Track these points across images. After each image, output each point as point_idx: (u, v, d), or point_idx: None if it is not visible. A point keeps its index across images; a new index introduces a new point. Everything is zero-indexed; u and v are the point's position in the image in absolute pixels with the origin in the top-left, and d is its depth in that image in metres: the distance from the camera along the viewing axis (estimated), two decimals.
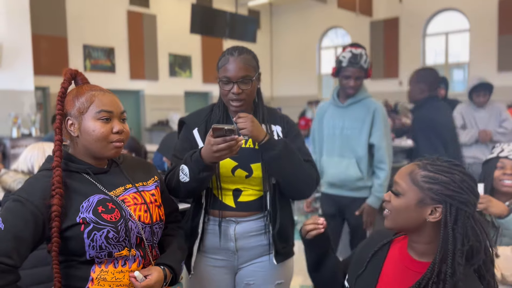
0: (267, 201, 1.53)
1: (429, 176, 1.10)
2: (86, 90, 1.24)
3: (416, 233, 1.13)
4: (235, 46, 1.59)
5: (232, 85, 1.52)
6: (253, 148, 1.53)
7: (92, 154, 1.24)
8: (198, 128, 1.61)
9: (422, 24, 12.56)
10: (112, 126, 1.23)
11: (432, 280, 1.06)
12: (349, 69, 2.61)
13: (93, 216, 1.15)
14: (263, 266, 1.57)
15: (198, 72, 12.97)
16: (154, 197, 1.32)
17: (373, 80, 13.47)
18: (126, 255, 1.20)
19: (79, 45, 10.30)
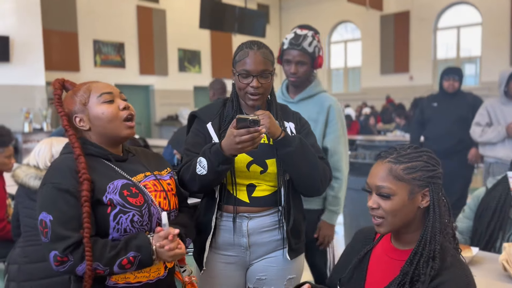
0: (281, 197, 1.53)
1: (408, 167, 1.12)
2: (80, 86, 1.31)
3: (407, 225, 1.14)
4: (253, 40, 1.58)
5: (251, 79, 1.50)
6: (268, 143, 1.53)
7: (109, 139, 1.28)
8: (212, 122, 1.59)
9: (434, 17, 12.42)
10: (117, 104, 1.27)
11: (422, 259, 1.08)
12: (290, 52, 2.11)
13: (120, 198, 1.18)
14: (276, 261, 1.57)
15: (207, 67, 12.98)
16: (170, 186, 1.36)
17: (383, 75, 13.39)
18: None
19: (89, 40, 10.36)
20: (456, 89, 3.85)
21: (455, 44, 12.39)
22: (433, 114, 3.91)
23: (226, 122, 1.59)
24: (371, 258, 1.24)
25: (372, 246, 1.26)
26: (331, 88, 14.92)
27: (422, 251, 1.10)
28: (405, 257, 1.14)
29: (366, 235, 1.31)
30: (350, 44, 14.54)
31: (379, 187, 1.13)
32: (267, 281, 1.58)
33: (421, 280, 1.06)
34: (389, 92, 12.59)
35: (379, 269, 1.20)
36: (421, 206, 1.13)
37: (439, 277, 1.06)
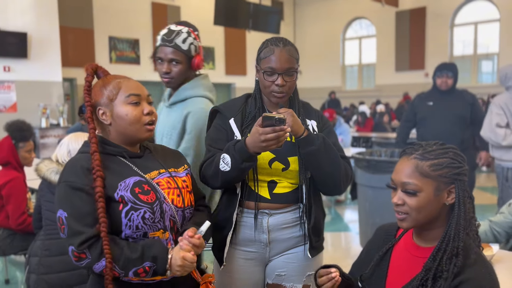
0: (303, 194, 1.53)
1: (435, 163, 1.11)
2: (111, 79, 1.29)
3: (431, 222, 1.14)
4: (277, 37, 1.56)
5: (276, 77, 1.49)
6: (290, 141, 1.52)
7: (127, 138, 1.28)
8: (235, 118, 1.58)
9: (450, 14, 12.24)
10: (142, 108, 1.27)
11: (446, 256, 1.07)
12: (162, 49, 1.85)
13: (131, 195, 1.19)
14: (296, 258, 1.57)
15: (221, 64, 13.00)
16: (186, 183, 1.34)
17: (398, 72, 13.25)
18: (159, 236, 1.22)
19: (105, 37, 10.46)
20: (449, 87, 3.60)
21: (472, 41, 12.20)
22: (429, 113, 3.63)
23: (249, 118, 1.58)
24: (393, 255, 1.23)
25: (394, 242, 1.25)
26: (345, 85, 14.83)
27: (445, 247, 1.09)
28: (427, 255, 1.13)
29: (387, 232, 1.31)
30: (365, 40, 14.42)
31: (405, 183, 1.12)
32: (286, 277, 1.58)
33: (443, 277, 1.06)
34: (405, 89, 12.47)
35: (400, 266, 1.20)
36: (447, 203, 1.12)
37: (462, 275, 1.06)
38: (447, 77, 3.59)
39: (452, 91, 3.62)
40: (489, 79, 12.12)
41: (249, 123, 1.56)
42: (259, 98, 1.60)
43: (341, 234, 4.51)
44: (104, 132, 1.29)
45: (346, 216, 5.28)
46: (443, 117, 3.55)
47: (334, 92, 12.69)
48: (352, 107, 12.19)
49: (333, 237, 4.43)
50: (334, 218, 5.13)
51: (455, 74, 3.60)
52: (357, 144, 7.78)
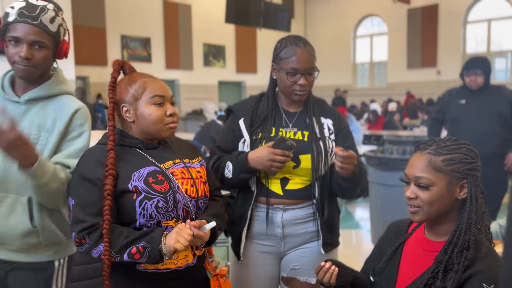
0: (315, 191, 1.54)
1: (447, 158, 1.14)
2: (137, 77, 1.30)
3: (444, 216, 1.16)
4: (295, 36, 1.58)
5: (299, 77, 1.52)
6: (302, 140, 1.55)
7: (149, 136, 1.32)
8: (244, 118, 1.61)
9: (463, 11, 12.11)
10: (166, 109, 1.30)
11: (457, 249, 1.10)
12: (19, 27, 1.33)
13: (144, 185, 1.22)
14: (310, 252, 1.60)
15: (232, 62, 13.04)
16: (200, 173, 1.36)
17: (410, 69, 13.16)
18: (172, 226, 1.24)
19: (117, 35, 10.55)
20: (480, 85, 3.23)
21: (485, 38, 12.06)
22: (463, 113, 3.26)
23: (260, 119, 1.60)
24: (404, 249, 1.25)
25: (406, 237, 1.27)
26: (355, 82, 14.76)
27: (457, 240, 1.11)
28: (438, 249, 1.15)
29: (399, 227, 1.33)
30: (376, 38, 14.33)
31: (418, 177, 1.15)
32: (300, 271, 1.61)
33: (454, 269, 1.08)
34: (416, 87, 12.38)
35: (412, 260, 1.22)
36: (459, 198, 1.15)
37: (472, 267, 1.08)
38: (475, 75, 3.22)
39: (486, 88, 3.25)
40: (502, 76, 11.97)
41: (259, 124, 1.60)
42: (272, 97, 1.63)
43: (352, 232, 4.52)
44: (125, 127, 1.32)
45: (357, 214, 5.28)
46: (480, 116, 3.18)
47: (340, 89, 12.62)
48: (363, 105, 12.14)
49: (344, 235, 4.44)
50: (345, 215, 5.14)
51: (485, 70, 3.23)
52: (368, 142, 7.76)
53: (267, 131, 1.57)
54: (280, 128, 1.59)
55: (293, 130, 1.58)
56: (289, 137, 1.56)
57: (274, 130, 1.58)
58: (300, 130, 1.58)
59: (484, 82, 3.24)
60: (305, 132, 1.57)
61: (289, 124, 1.60)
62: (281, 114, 1.62)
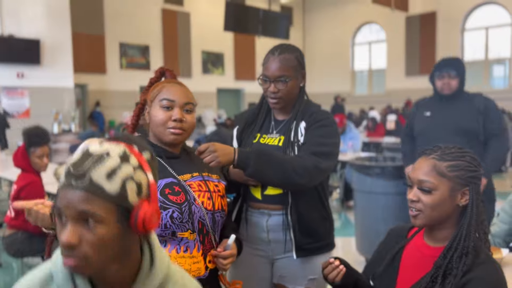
0: (288, 196, 1.54)
1: (452, 165, 1.15)
2: (164, 82, 1.36)
3: (444, 221, 1.17)
4: (280, 44, 1.61)
5: (268, 84, 1.56)
6: (277, 145, 1.57)
7: (157, 138, 1.33)
8: (238, 127, 1.68)
9: (461, 18, 12.18)
10: (172, 114, 1.29)
11: (456, 254, 1.11)
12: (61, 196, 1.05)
13: (160, 196, 1.22)
14: (294, 261, 1.59)
15: (231, 69, 13.07)
16: (218, 187, 1.37)
17: (408, 76, 13.19)
18: (187, 237, 1.25)
19: (115, 43, 10.58)
20: (453, 90, 2.69)
21: (483, 45, 12.11)
22: (427, 127, 2.75)
23: (248, 124, 1.68)
24: (404, 254, 1.26)
25: (405, 242, 1.27)
26: (354, 89, 14.80)
27: (456, 246, 1.12)
28: (437, 253, 1.16)
29: (399, 233, 1.33)
30: (375, 45, 14.40)
31: (421, 181, 1.16)
32: (288, 279, 1.61)
33: (453, 274, 1.09)
34: (415, 94, 12.38)
35: (411, 265, 1.22)
36: (460, 204, 1.16)
37: (470, 273, 1.08)
38: (449, 77, 2.70)
39: (459, 96, 2.72)
40: (501, 84, 12.01)
41: (246, 131, 1.66)
42: (264, 105, 1.68)
43: (351, 240, 4.49)
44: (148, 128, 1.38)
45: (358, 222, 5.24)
46: (445, 132, 2.62)
47: (340, 96, 12.64)
48: (362, 112, 12.15)
49: (343, 242, 4.41)
50: (344, 223, 5.11)
51: (460, 72, 2.69)
52: (367, 149, 7.75)
53: (252, 137, 1.63)
54: (264, 134, 1.64)
55: (275, 136, 1.62)
56: (267, 142, 1.60)
57: (258, 136, 1.64)
58: (280, 135, 1.62)
59: (458, 87, 2.71)
60: (281, 137, 1.60)
61: (274, 130, 1.64)
62: (270, 121, 1.66)
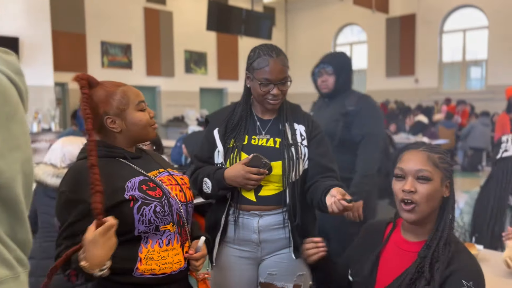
0: (286, 197, 1.56)
1: (441, 157, 1.21)
2: (113, 87, 1.31)
3: (430, 214, 1.19)
4: (269, 45, 1.60)
5: (272, 87, 1.54)
6: (274, 147, 1.58)
7: (136, 141, 1.37)
8: (219, 128, 1.64)
9: (439, 20, 12.42)
10: (148, 112, 1.38)
11: (442, 242, 1.15)
12: None
13: (140, 193, 1.25)
14: (285, 258, 1.62)
15: (213, 69, 13.05)
16: (183, 180, 1.42)
17: (389, 77, 13.40)
18: (169, 230, 1.29)
19: (97, 41, 10.46)
20: (330, 88, 2.40)
21: (461, 47, 12.39)
22: None
23: (233, 127, 1.63)
24: (383, 251, 1.29)
25: (387, 241, 1.30)
26: None
27: (441, 235, 1.17)
28: (417, 248, 1.20)
29: (376, 228, 1.36)
30: (356, 46, 14.56)
31: (419, 170, 1.18)
32: (278, 277, 1.63)
33: (440, 261, 1.13)
34: (395, 95, 12.60)
35: (390, 260, 1.25)
36: (445, 196, 1.21)
37: (452, 265, 1.13)
38: (326, 73, 2.41)
39: (336, 95, 2.42)
40: (477, 85, 12.30)
41: (230, 133, 1.62)
42: (246, 105, 1.65)
43: None
44: (107, 138, 1.34)
45: None
46: None
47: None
48: None
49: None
50: None
51: (337, 68, 2.38)
52: None
53: (240, 139, 1.60)
54: (253, 135, 1.61)
55: (265, 137, 1.60)
56: (261, 144, 1.59)
57: (247, 138, 1.60)
58: (272, 137, 1.60)
59: (334, 85, 2.41)
60: (277, 139, 1.59)
61: (262, 131, 1.62)
62: (255, 121, 1.64)
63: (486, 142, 8.39)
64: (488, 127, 8.61)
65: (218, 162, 1.62)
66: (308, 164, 1.60)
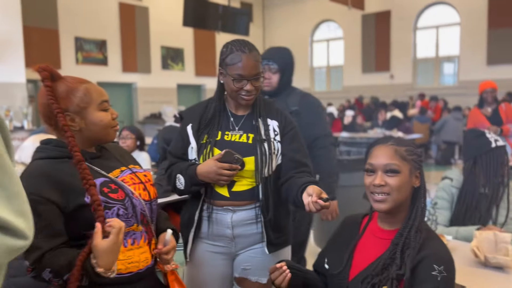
0: (259, 192, 1.57)
1: (409, 149, 1.27)
2: (76, 84, 1.25)
3: (402, 205, 1.25)
4: (241, 40, 1.59)
5: (245, 83, 1.54)
6: (246, 142, 1.58)
7: (95, 142, 1.30)
8: (192, 124, 1.63)
9: (413, 17, 12.65)
10: (111, 113, 1.31)
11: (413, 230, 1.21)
12: None
13: (101, 196, 1.19)
14: (259, 253, 1.63)
15: (191, 65, 12.96)
16: (147, 177, 1.38)
17: (365, 73, 13.58)
18: (134, 230, 1.26)
19: (70, 37, 10.24)
20: (274, 87, 2.23)
21: (434, 44, 12.64)
22: None
23: (205, 121, 1.64)
24: (359, 241, 1.34)
25: (363, 232, 1.34)
26: (314, 86, 15.05)
27: (412, 223, 1.23)
28: (391, 236, 1.26)
29: (353, 221, 1.40)
30: (333, 43, 14.69)
31: (387, 164, 1.24)
32: (251, 271, 1.64)
33: (411, 247, 1.19)
34: (371, 91, 12.78)
35: (366, 247, 1.30)
36: (415, 186, 1.27)
37: (423, 251, 1.19)
38: (269, 71, 2.22)
39: (279, 94, 2.26)
40: (450, 80, 12.59)
41: (205, 128, 1.63)
42: (219, 101, 1.66)
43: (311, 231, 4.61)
44: (62, 136, 1.25)
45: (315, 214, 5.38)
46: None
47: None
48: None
49: None
50: None
51: (282, 65, 2.22)
52: None
53: (213, 135, 1.60)
54: (226, 131, 1.61)
55: (238, 133, 1.61)
56: (234, 140, 1.59)
57: (220, 134, 1.61)
58: (245, 132, 1.61)
59: (278, 84, 2.24)
60: (250, 135, 1.60)
61: (236, 127, 1.62)
62: (228, 117, 1.65)
63: (459, 136, 8.60)
64: (460, 121, 8.82)
65: (192, 158, 1.62)
66: (282, 159, 1.62)
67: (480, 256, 1.68)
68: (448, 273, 1.16)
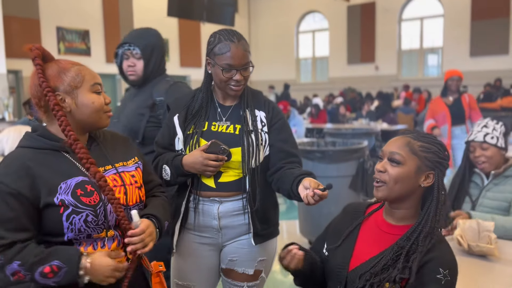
0: (246, 183, 1.56)
1: (425, 146, 1.21)
2: (68, 65, 1.22)
3: (403, 200, 1.22)
4: (229, 30, 1.57)
5: (234, 72, 1.52)
6: (233, 133, 1.57)
7: (86, 126, 1.24)
8: (179, 115, 1.61)
9: (398, 9, 12.72)
10: (104, 97, 1.26)
11: (422, 235, 1.17)
12: None
13: (72, 199, 1.14)
14: (246, 244, 1.62)
15: (176, 56, 12.83)
16: (135, 178, 1.30)
17: (350, 65, 13.64)
18: (104, 236, 1.20)
19: (52, 27, 10.03)
20: (139, 75, 2.01)
21: (418, 35, 12.75)
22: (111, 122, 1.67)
23: (192, 112, 1.62)
24: (362, 229, 1.31)
25: (364, 218, 1.33)
26: (299, 77, 15.07)
27: (422, 228, 1.19)
28: (396, 232, 1.23)
29: (356, 209, 1.38)
30: (318, 34, 14.70)
31: (392, 153, 1.21)
32: (238, 262, 1.64)
33: (418, 251, 1.16)
34: (356, 82, 12.86)
35: (369, 239, 1.28)
36: (422, 185, 1.21)
37: (431, 253, 1.16)
38: (133, 57, 2.00)
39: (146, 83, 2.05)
40: (434, 72, 12.73)
41: (191, 120, 1.61)
42: (207, 91, 1.64)
43: (295, 222, 4.65)
44: (53, 122, 1.21)
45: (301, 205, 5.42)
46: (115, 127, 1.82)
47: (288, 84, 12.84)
48: (306, 99, 12.42)
49: (288, 225, 4.56)
50: (289, 207, 5.26)
51: (146, 50, 1.98)
52: (310, 135, 7.98)
53: (200, 125, 1.59)
54: (213, 122, 1.60)
55: (226, 123, 1.60)
56: (221, 130, 1.58)
57: (207, 125, 1.60)
58: (232, 123, 1.59)
59: (143, 71, 2.01)
60: (237, 126, 1.58)
61: (223, 117, 1.61)
62: (215, 108, 1.63)
63: None
64: None
65: (179, 149, 1.61)
66: (270, 150, 1.61)
67: (464, 244, 1.71)
68: (452, 278, 1.15)
